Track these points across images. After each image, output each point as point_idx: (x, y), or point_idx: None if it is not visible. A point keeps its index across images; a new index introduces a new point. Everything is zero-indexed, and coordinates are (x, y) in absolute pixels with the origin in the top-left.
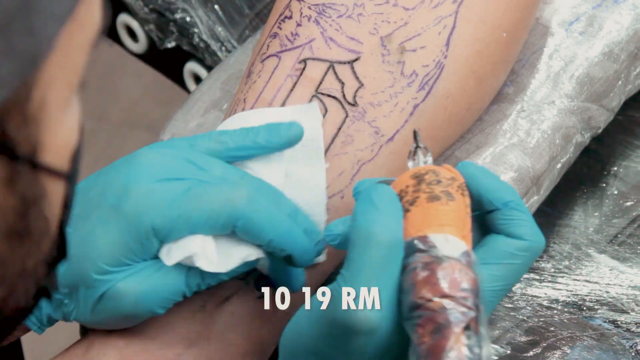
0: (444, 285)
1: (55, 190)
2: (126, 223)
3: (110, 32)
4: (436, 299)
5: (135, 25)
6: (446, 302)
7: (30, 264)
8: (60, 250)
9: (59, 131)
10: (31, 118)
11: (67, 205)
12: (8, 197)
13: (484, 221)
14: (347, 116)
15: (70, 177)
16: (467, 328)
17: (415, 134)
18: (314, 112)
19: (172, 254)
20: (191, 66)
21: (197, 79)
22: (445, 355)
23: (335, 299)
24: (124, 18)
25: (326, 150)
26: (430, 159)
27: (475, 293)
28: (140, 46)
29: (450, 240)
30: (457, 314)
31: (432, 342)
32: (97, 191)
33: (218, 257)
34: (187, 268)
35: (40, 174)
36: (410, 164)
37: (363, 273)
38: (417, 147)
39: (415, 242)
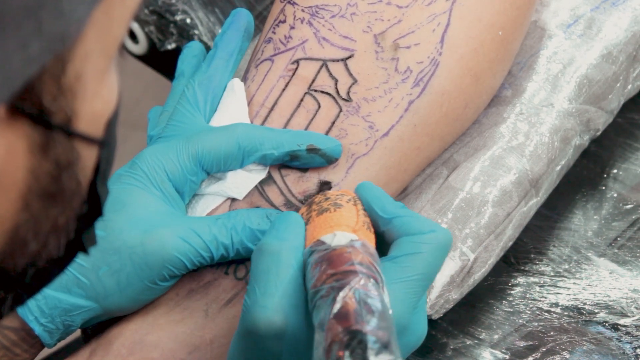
0: (334, 264)
1: (88, 154)
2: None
3: None
4: (327, 278)
5: (135, 26)
6: (338, 275)
7: (62, 221)
8: (94, 208)
9: (95, 101)
10: (66, 90)
11: (99, 167)
12: (43, 162)
13: (385, 238)
14: (340, 111)
15: (104, 143)
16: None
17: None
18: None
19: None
20: None
21: None
22: (340, 296)
23: (244, 311)
24: None
25: None
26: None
27: (368, 267)
28: (140, 47)
29: (338, 235)
30: (350, 278)
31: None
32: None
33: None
34: (217, 224)
35: (74, 141)
36: None
37: (260, 281)
38: (320, 182)
39: (310, 247)
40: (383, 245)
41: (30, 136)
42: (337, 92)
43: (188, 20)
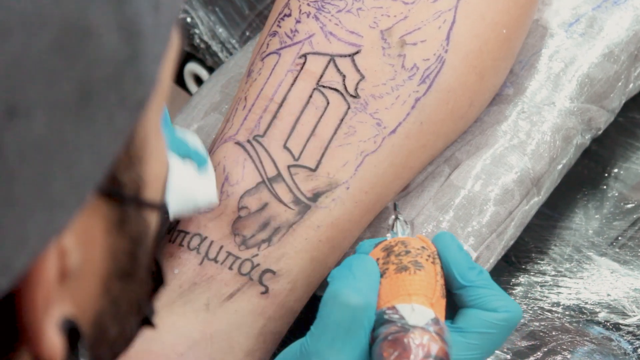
0: (409, 354)
1: (153, 223)
2: None
3: None
4: None
5: None
6: None
7: (136, 299)
8: (157, 279)
9: (155, 165)
10: (135, 158)
11: (160, 234)
12: (119, 240)
13: (455, 297)
14: (349, 108)
15: (163, 207)
16: None
17: (395, 205)
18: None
19: None
20: (192, 67)
21: (198, 80)
22: None
23: (303, 354)
24: None
25: (329, 141)
26: (408, 231)
27: None
28: None
29: (417, 310)
30: None
31: None
32: None
33: None
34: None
35: (144, 210)
36: (388, 236)
37: (328, 332)
38: (396, 219)
39: (384, 313)
40: (450, 302)
41: (107, 214)
42: (345, 88)
43: (188, 20)
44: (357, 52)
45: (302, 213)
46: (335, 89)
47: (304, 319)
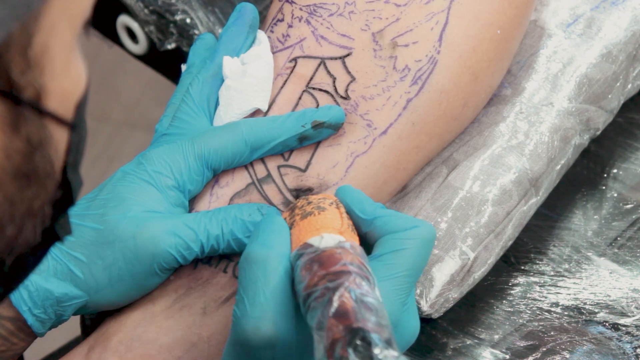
0: (325, 265)
1: (59, 136)
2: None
3: (111, 33)
4: (319, 280)
5: (135, 26)
6: (331, 275)
7: (37, 205)
8: (66, 194)
9: (63, 79)
10: (34, 63)
11: (70, 152)
12: (14, 139)
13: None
14: None
15: (74, 126)
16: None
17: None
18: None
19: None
20: None
21: None
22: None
23: (234, 322)
24: (124, 19)
25: (319, 142)
26: None
27: (359, 267)
28: (140, 47)
29: (326, 237)
30: (344, 278)
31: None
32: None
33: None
34: (209, 215)
35: (45, 119)
36: None
37: (248, 292)
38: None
39: (297, 250)
40: (366, 247)
41: (1, 112)
42: (335, 90)
43: (188, 20)
44: (348, 55)
45: None
46: (325, 91)
47: None
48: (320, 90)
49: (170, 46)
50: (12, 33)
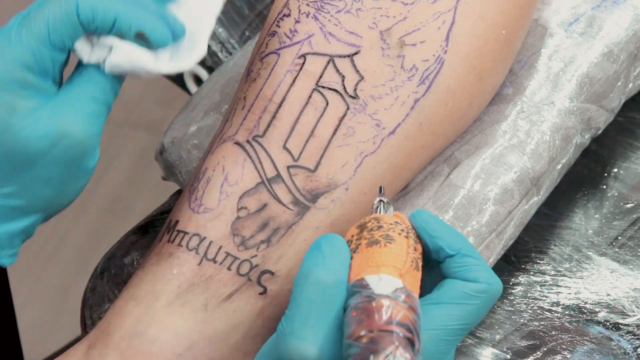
0: (373, 319)
1: None
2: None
3: None
4: (365, 333)
5: None
6: (376, 335)
7: None
8: None
9: None
10: None
11: None
12: None
13: (440, 269)
14: (348, 108)
15: None
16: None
17: (380, 189)
18: None
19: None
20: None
21: (197, 80)
22: None
23: (279, 337)
24: None
25: (328, 142)
26: (391, 212)
27: (408, 327)
28: None
29: (384, 279)
30: (387, 343)
31: None
32: None
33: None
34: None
35: None
36: None
37: (301, 311)
38: (380, 201)
39: (353, 285)
40: (432, 276)
41: None
42: (345, 89)
43: None
44: (356, 53)
45: (301, 214)
46: (335, 90)
47: None
48: (330, 89)
49: None
50: None
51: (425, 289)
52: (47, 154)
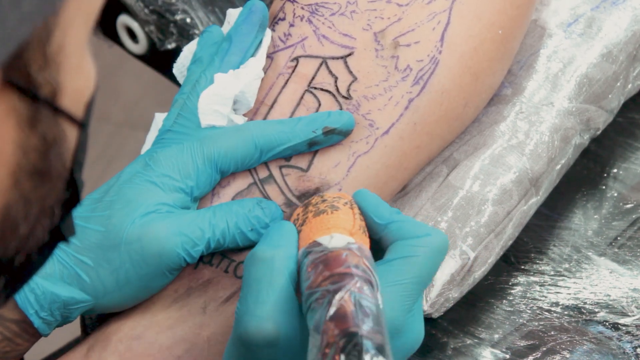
0: (331, 266)
1: (70, 135)
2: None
3: (111, 33)
4: (324, 280)
5: (135, 26)
6: (336, 277)
7: (49, 203)
8: (73, 195)
9: (76, 78)
10: (52, 60)
11: (79, 151)
12: (31, 137)
13: (381, 243)
14: (341, 109)
15: (83, 125)
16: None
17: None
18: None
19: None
20: None
21: None
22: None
23: (237, 319)
24: (124, 19)
25: None
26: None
27: (364, 271)
28: (140, 47)
29: (335, 237)
30: (347, 281)
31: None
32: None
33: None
34: (211, 211)
35: (59, 117)
36: None
37: (252, 289)
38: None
39: (305, 248)
40: (379, 251)
41: (19, 109)
42: (337, 89)
43: (188, 20)
44: (349, 54)
45: None
46: (327, 91)
47: None
48: (322, 90)
49: (171, 46)
50: (35, 29)
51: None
52: (137, 255)
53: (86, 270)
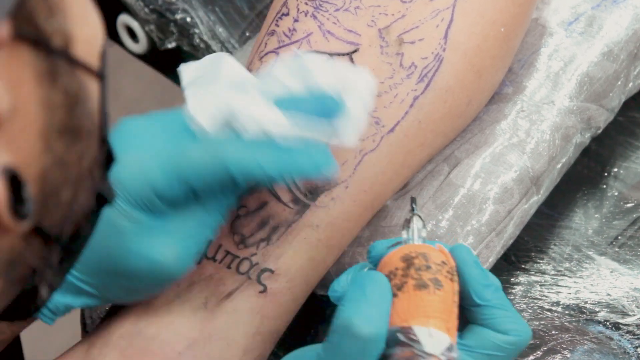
0: None
1: (92, 88)
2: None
3: (111, 32)
4: None
5: (135, 25)
6: None
7: (86, 164)
8: (108, 153)
9: (84, 26)
10: (56, 7)
11: (103, 106)
12: (53, 92)
13: (467, 311)
14: None
15: (102, 77)
16: None
17: (412, 200)
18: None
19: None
20: None
21: None
22: None
23: None
24: (124, 18)
25: None
26: (424, 232)
27: None
28: (140, 47)
29: (434, 335)
30: None
31: None
32: None
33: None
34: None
35: (77, 68)
36: (404, 234)
37: None
38: (413, 216)
39: (398, 333)
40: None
41: (35, 63)
42: None
43: (188, 19)
44: (355, 51)
45: (301, 212)
46: None
47: (302, 318)
48: None
49: (171, 45)
50: None
51: None
52: (136, 273)
53: (95, 287)
